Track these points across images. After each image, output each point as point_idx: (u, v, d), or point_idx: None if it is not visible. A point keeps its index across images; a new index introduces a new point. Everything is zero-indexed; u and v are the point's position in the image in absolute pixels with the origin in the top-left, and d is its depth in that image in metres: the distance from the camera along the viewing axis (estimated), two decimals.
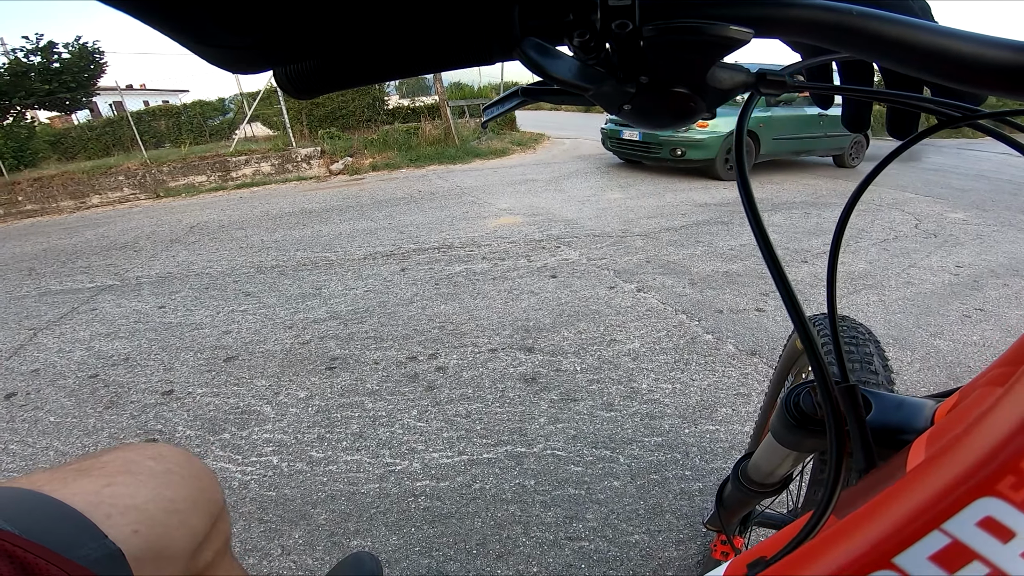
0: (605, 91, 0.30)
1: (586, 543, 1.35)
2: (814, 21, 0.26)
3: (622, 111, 0.31)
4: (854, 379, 0.67)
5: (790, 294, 0.31)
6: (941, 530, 0.17)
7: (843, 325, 0.85)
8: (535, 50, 0.28)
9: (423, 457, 1.68)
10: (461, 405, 1.94)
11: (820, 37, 0.26)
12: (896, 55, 0.25)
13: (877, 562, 0.18)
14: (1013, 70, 0.24)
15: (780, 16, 0.26)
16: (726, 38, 0.26)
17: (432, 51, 0.33)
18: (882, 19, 0.25)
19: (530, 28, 0.30)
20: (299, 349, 2.46)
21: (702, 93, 0.29)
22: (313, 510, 1.48)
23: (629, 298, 2.76)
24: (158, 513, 0.47)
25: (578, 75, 0.28)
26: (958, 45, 0.24)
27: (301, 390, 2.11)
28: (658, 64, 0.28)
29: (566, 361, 2.20)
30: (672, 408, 1.87)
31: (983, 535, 0.17)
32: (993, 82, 0.24)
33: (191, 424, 1.92)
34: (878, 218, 4.07)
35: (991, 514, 0.17)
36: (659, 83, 0.29)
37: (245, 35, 0.30)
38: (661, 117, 0.31)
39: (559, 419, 1.84)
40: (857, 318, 2.46)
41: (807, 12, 0.25)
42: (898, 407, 0.41)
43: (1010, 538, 0.16)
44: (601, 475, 1.58)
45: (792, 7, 0.26)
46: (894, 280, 2.90)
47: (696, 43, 0.26)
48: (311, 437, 1.80)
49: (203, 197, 7.24)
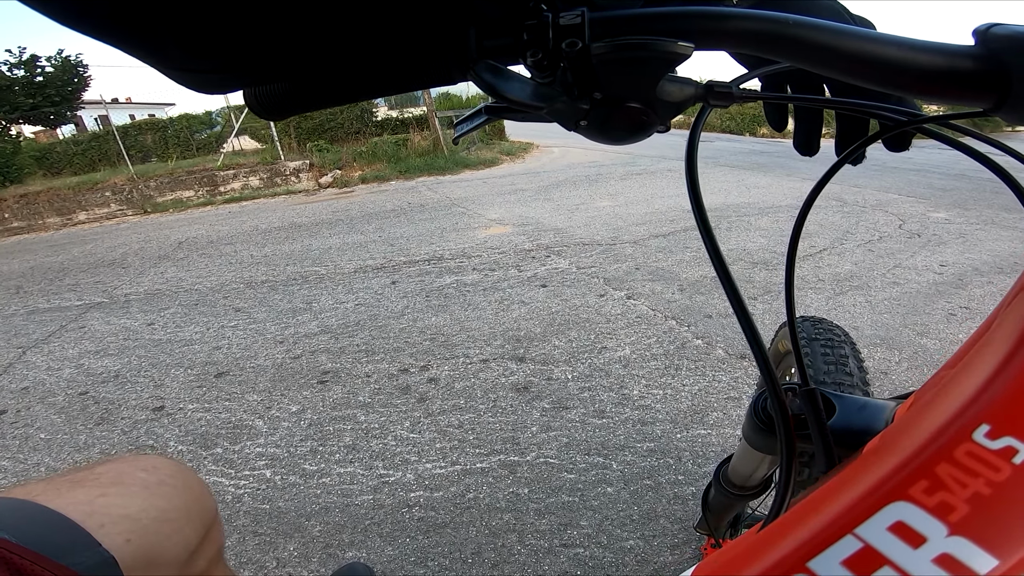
0: (560, 108, 0.31)
1: (581, 550, 1.36)
2: (753, 31, 0.27)
3: (579, 127, 0.32)
4: (829, 380, 0.69)
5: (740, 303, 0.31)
6: (854, 535, 0.17)
7: (820, 328, 0.86)
8: (488, 72, 0.29)
9: (417, 468, 1.68)
10: (454, 416, 1.95)
11: (760, 47, 0.27)
12: (829, 62, 0.26)
13: (794, 566, 0.17)
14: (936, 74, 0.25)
15: (722, 28, 0.27)
16: (670, 52, 0.27)
17: (394, 73, 0.34)
18: (816, 27, 0.26)
19: (486, 49, 0.31)
20: (290, 363, 2.46)
21: (654, 107, 0.30)
22: (307, 522, 1.48)
23: (619, 305, 2.78)
24: (151, 523, 0.48)
25: (532, 95, 0.29)
26: (887, 50, 0.25)
27: (293, 404, 2.10)
28: (609, 80, 0.29)
29: (557, 370, 2.21)
30: (663, 413, 1.88)
31: (894, 540, 0.17)
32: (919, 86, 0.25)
33: (183, 439, 1.92)
34: (862, 220, 4.14)
35: (903, 519, 0.17)
36: (612, 99, 0.30)
37: (206, 59, 0.31)
38: (617, 131, 0.32)
39: (551, 427, 1.85)
40: (844, 319, 2.50)
41: (746, 23, 0.27)
42: (861, 409, 0.42)
43: (920, 543, 0.16)
44: (594, 482, 1.59)
45: (732, 19, 0.27)
46: (880, 281, 2.94)
47: (643, 59, 0.27)
48: (304, 450, 1.80)
49: (191, 212, 7.22)
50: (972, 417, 0.18)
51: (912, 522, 0.17)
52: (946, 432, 0.18)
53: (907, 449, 0.18)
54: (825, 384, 0.71)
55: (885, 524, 0.17)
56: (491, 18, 0.31)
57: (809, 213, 0.40)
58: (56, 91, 11.62)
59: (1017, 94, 0.24)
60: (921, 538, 0.16)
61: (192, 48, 0.30)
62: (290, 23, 0.30)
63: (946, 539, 0.16)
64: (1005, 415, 0.18)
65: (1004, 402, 0.18)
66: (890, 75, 0.25)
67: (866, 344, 2.26)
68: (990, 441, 0.17)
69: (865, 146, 0.39)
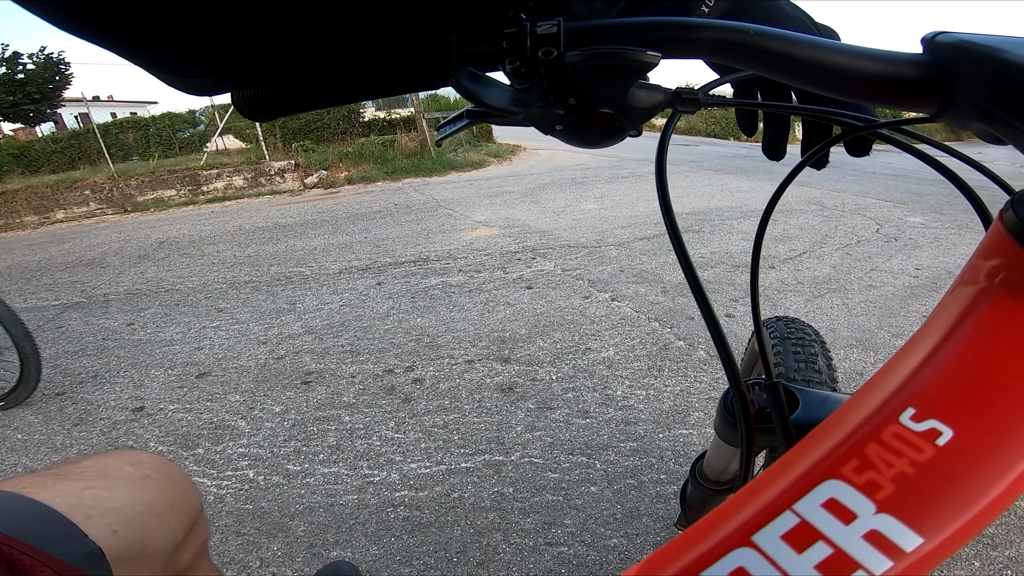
0: (537, 113, 0.32)
1: (565, 548, 1.37)
2: (717, 40, 0.28)
3: (555, 131, 0.34)
4: (800, 377, 0.71)
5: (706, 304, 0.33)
6: (792, 510, 0.18)
7: (792, 327, 0.89)
8: (468, 79, 0.30)
9: (401, 468, 1.68)
10: (439, 416, 1.95)
11: (724, 56, 0.29)
12: (787, 70, 0.28)
13: (740, 540, 0.18)
14: (883, 80, 0.26)
15: (688, 37, 0.28)
16: (639, 61, 0.28)
17: (379, 77, 0.35)
18: (775, 37, 0.27)
19: (468, 56, 0.32)
20: (274, 364, 2.45)
21: (626, 112, 0.32)
22: (291, 522, 1.48)
23: (603, 307, 2.80)
24: (136, 515, 0.48)
25: (510, 101, 0.30)
26: (839, 58, 0.27)
27: (276, 404, 2.09)
28: (583, 87, 0.30)
29: (542, 370, 2.22)
30: (646, 414, 1.90)
31: (827, 516, 0.17)
32: (867, 92, 0.27)
33: (163, 440, 1.90)
34: (841, 224, 4.21)
35: (835, 496, 0.18)
36: (586, 105, 0.31)
37: (203, 64, 0.32)
38: (591, 136, 0.33)
39: (536, 427, 1.86)
40: (822, 321, 2.55)
41: (711, 33, 0.28)
42: (823, 402, 0.44)
43: (851, 519, 0.17)
44: (578, 481, 1.60)
45: (698, 29, 0.28)
46: (857, 284, 3.00)
47: (614, 67, 0.29)
48: (287, 451, 1.79)
49: (173, 212, 7.13)
50: (900, 401, 0.19)
51: (844, 499, 0.17)
52: (877, 415, 0.19)
53: (842, 431, 0.19)
54: (796, 381, 0.73)
55: (819, 501, 0.18)
56: (472, 26, 0.32)
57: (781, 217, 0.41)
58: (37, 88, 11.43)
59: (960, 100, 0.26)
60: (852, 515, 0.17)
61: (188, 53, 0.31)
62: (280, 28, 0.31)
63: (874, 516, 0.17)
64: (930, 399, 0.19)
65: (930, 387, 0.20)
66: (841, 82, 0.27)
67: (843, 345, 2.30)
68: (915, 424, 0.18)
69: (825, 149, 0.41)
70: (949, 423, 0.18)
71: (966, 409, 0.19)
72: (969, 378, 0.20)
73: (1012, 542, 1.38)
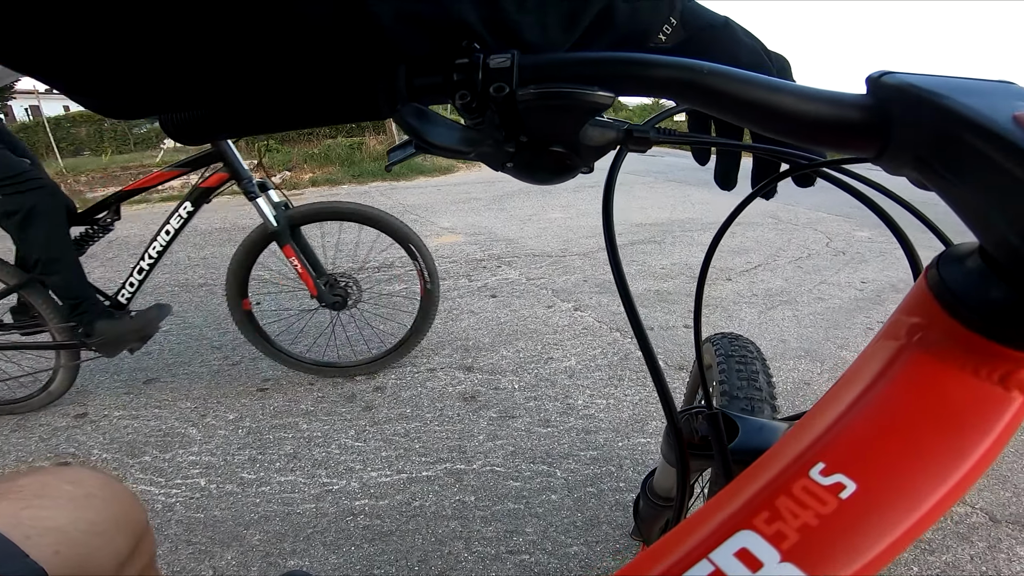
0: (486, 152, 0.31)
1: (527, 556, 1.38)
2: (671, 79, 0.28)
3: (505, 168, 0.33)
4: (742, 395, 0.73)
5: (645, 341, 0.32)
6: (708, 559, 0.19)
7: (736, 344, 0.91)
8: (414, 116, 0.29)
9: (361, 476, 1.66)
10: (400, 424, 1.93)
11: (678, 95, 0.29)
12: (737, 111, 0.28)
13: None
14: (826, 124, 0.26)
15: (642, 75, 0.28)
16: (592, 103, 0.28)
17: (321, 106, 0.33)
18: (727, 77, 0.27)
19: (416, 87, 0.31)
20: (228, 370, 2.38)
21: (577, 151, 0.31)
22: (246, 531, 1.44)
23: (566, 317, 2.83)
24: (79, 535, 0.47)
25: (457, 141, 0.30)
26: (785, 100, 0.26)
27: (230, 412, 2.03)
28: (535, 125, 0.30)
29: (505, 379, 2.23)
30: (606, 423, 1.93)
31: (738, 565, 0.18)
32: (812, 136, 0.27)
33: (107, 447, 1.82)
34: (794, 237, 4.38)
35: (746, 545, 0.18)
36: (537, 142, 0.31)
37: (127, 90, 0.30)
38: (542, 173, 0.33)
39: (498, 436, 1.86)
40: (774, 332, 2.64)
41: (665, 71, 0.28)
42: (759, 430, 0.44)
43: (759, 568, 0.18)
44: (539, 489, 1.61)
45: (652, 66, 0.28)
46: (806, 296, 3.12)
47: (566, 107, 0.28)
48: (242, 459, 1.74)
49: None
50: (813, 455, 0.20)
51: (753, 549, 0.18)
52: (790, 468, 0.20)
53: (759, 483, 0.20)
54: (738, 399, 0.75)
55: (732, 550, 0.18)
56: (422, 55, 0.31)
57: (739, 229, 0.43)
58: None
59: (896, 146, 0.25)
60: (759, 563, 0.18)
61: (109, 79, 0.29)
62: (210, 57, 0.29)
63: (778, 564, 0.18)
64: (839, 454, 0.20)
65: (841, 442, 0.20)
66: (788, 125, 0.27)
67: (792, 356, 2.39)
68: (823, 478, 0.19)
69: (772, 184, 0.42)
70: (853, 477, 0.19)
71: (871, 465, 0.19)
72: (878, 435, 0.20)
73: (949, 547, 1.46)
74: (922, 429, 0.20)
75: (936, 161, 0.24)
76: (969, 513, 1.59)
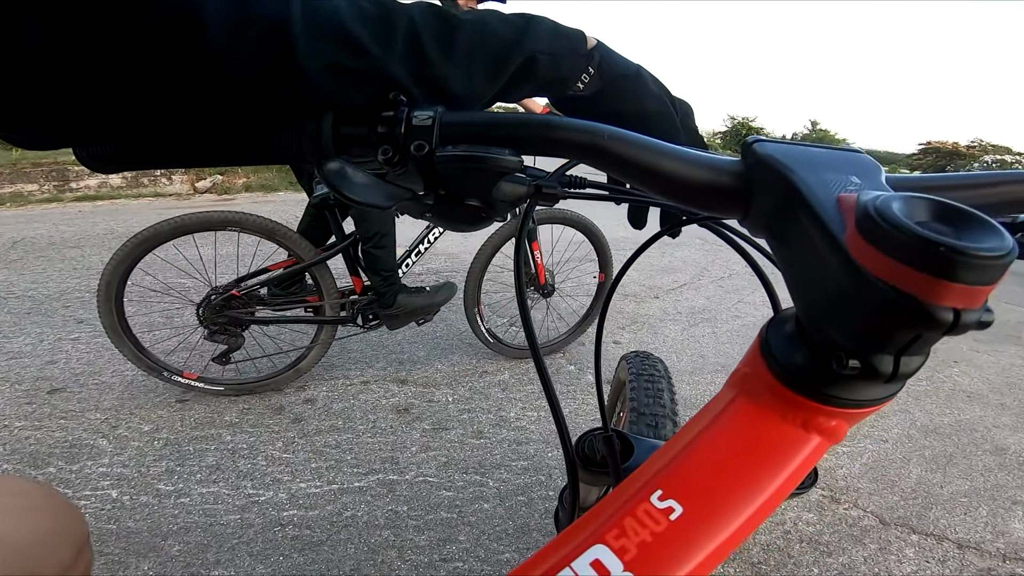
0: (406, 205, 0.33)
1: (460, 563, 1.39)
2: (575, 142, 0.31)
3: (425, 216, 0.35)
4: (648, 412, 0.80)
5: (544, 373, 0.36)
6: (570, 567, 0.23)
7: (646, 363, 0.97)
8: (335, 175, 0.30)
9: (290, 487, 1.61)
10: (331, 436, 1.90)
11: (582, 157, 0.31)
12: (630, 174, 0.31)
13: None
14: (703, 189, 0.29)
15: (550, 137, 0.31)
16: (503, 166, 0.31)
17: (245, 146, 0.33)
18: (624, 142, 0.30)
19: (342, 136, 0.32)
20: (143, 381, 2.24)
21: (490, 204, 0.33)
22: (164, 542, 1.36)
23: (500, 332, 2.89)
24: (25, 547, 0.47)
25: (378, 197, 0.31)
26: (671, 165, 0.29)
27: (145, 424, 1.92)
28: (451, 182, 0.32)
29: (439, 392, 2.24)
30: (537, 434, 1.99)
31: (592, 573, 0.22)
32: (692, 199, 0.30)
33: (7, 459, 1.66)
34: (718, 257, 4.67)
35: (599, 557, 0.23)
36: (453, 196, 0.33)
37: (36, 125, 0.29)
38: (458, 224, 0.35)
39: (431, 447, 1.87)
40: (695, 348, 2.82)
41: (571, 135, 0.31)
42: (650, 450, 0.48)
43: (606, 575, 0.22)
44: (472, 498, 1.63)
45: (559, 129, 0.31)
46: (726, 314, 3.35)
47: (480, 168, 0.31)
48: (158, 470, 1.65)
49: (33, 209, 6.26)
50: (654, 484, 0.25)
51: (604, 560, 0.23)
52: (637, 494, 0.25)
53: (615, 505, 0.25)
54: (644, 415, 0.82)
55: (589, 560, 0.23)
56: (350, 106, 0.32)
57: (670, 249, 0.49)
58: None
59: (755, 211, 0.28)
60: (608, 572, 0.22)
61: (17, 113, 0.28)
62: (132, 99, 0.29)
63: (621, 573, 0.22)
64: (674, 483, 0.25)
65: (676, 472, 0.25)
66: (672, 188, 0.30)
67: (710, 370, 2.57)
68: (659, 502, 0.24)
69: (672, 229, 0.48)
70: (681, 502, 0.24)
71: (696, 492, 0.24)
72: (705, 468, 0.25)
73: (845, 549, 1.61)
74: (740, 463, 0.24)
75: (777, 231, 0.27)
76: (861, 516, 1.76)
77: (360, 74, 0.31)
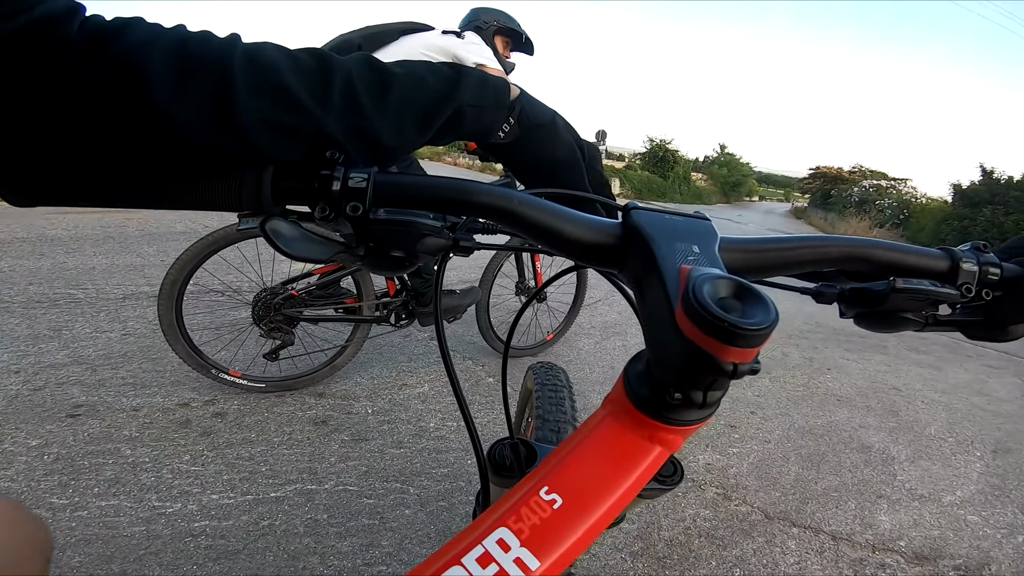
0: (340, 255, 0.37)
1: (384, 567, 1.41)
2: (489, 206, 0.35)
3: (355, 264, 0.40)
4: (551, 418, 0.90)
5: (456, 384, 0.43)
6: (482, 544, 0.28)
7: (551, 373, 1.07)
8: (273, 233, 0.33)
9: (200, 499, 1.55)
10: (243, 448, 1.84)
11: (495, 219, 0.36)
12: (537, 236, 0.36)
13: (451, 562, 0.27)
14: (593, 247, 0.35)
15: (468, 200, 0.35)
16: (427, 228, 0.35)
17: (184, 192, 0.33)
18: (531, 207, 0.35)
19: (281, 189, 0.34)
20: (29, 396, 2.06)
21: (414, 255, 0.37)
22: (62, 554, 1.28)
23: (422, 346, 2.92)
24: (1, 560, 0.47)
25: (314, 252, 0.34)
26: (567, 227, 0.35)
27: (32, 438, 1.77)
28: (381, 237, 0.35)
29: (358, 404, 2.24)
30: (456, 443, 2.03)
31: (497, 548, 0.27)
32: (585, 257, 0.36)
33: None
34: None
35: (502, 537, 0.28)
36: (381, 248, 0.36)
37: None
38: (385, 270, 0.40)
39: (350, 457, 1.86)
40: (606, 359, 2.99)
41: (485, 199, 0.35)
42: None
43: (508, 550, 0.27)
44: (393, 505, 1.65)
45: (475, 194, 0.35)
46: (635, 328, 3.56)
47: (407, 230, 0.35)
48: (50, 484, 1.53)
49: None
50: (543, 481, 0.31)
51: (506, 539, 0.28)
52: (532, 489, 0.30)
53: (515, 497, 0.30)
54: (548, 422, 0.90)
55: (495, 539, 0.28)
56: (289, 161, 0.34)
57: None
58: None
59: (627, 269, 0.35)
60: (508, 547, 0.27)
61: None
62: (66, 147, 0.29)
63: (519, 549, 0.27)
64: (557, 479, 0.31)
65: (559, 472, 0.31)
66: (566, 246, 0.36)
67: None
68: (546, 495, 0.30)
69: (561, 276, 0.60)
70: (562, 496, 0.29)
71: (573, 487, 0.30)
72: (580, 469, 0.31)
73: (737, 543, 1.77)
74: (606, 465, 0.31)
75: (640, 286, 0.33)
76: (750, 512, 1.95)
77: (296, 130, 0.33)
